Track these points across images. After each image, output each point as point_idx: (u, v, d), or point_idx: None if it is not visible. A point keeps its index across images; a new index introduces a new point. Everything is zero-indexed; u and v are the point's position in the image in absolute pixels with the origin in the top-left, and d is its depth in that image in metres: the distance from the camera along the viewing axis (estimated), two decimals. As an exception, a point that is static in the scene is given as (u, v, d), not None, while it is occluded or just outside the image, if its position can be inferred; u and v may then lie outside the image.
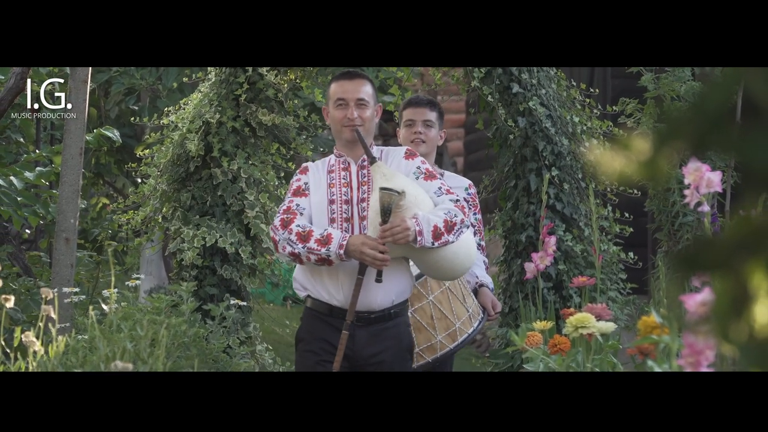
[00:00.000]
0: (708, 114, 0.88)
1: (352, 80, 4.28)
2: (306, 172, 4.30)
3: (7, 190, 8.30)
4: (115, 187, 11.45)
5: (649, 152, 0.90)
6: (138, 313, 4.85)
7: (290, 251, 4.03)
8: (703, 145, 0.90)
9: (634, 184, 6.23)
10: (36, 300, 6.82)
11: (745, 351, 0.91)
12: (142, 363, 4.61)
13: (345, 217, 4.16)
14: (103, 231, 9.59)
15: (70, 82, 6.98)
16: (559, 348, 3.77)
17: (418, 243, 3.96)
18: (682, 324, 2.30)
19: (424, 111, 5.00)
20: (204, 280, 6.16)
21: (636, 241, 7.25)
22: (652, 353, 2.94)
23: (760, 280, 0.90)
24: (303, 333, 4.29)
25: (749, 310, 0.90)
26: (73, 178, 6.94)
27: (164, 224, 6.48)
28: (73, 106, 6.95)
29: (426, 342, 4.54)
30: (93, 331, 4.85)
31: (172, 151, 6.43)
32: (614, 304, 5.87)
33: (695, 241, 0.91)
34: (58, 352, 4.87)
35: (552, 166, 6.16)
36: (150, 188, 6.59)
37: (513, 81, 6.17)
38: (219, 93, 6.34)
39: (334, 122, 4.26)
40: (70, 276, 6.80)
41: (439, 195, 4.12)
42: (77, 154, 6.96)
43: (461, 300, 4.65)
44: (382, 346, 4.18)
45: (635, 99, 7.14)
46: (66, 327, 5.74)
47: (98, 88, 11.02)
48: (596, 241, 4.77)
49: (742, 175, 1.07)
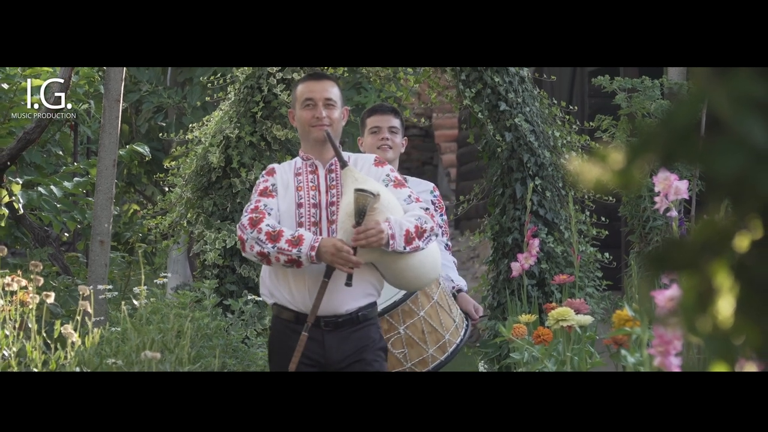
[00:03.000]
0: (675, 129, 0.88)
1: (319, 81, 3.87)
2: (273, 174, 3.83)
3: (48, 197, 8.31)
4: (145, 195, 11.46)
5: (623, 163, 0.90)
6: (165, 308, 4.85)
7: (258, 251, 3.56)
8: (671, 156, 0.90)
9: (609, 192, 6.23)
10: (74, 296, 6.81)
11: (709, 342, 0.91)
12: (169, 352, 4.60)
13: (313, 221, 3.71)
14: (134, 234, 9.60)
15: (104, 101, 6.98)
16: (542, 338, 3.77)
17: (390, 246, 3.53)
18: (653, 317, 2.30)
19: (389, 118, 4.60)
20: (224, 278, 6.16)
21: (611, 242, 7.25)
22: (625, 343, 2.94)
23: (722, 278, 0.89)
24: (272, 343, 3.84)
25: (713, 305, 0.90)
26: (107, 187, 6.94)
27: (189, 228, 6.48)
28: (107, 123, 6.96)
29: (418, 356, 4.14)
30: (125, 323, 4.85)
31: (196, 162, 6.45)
32: (591, 300, 5.86)
33: (664, 242, 0.91)
34: (93, 342, 4.87)
35: (535, 176, 6.17)
36: (176, 196, 6.60)
37: (500, 99, 6.18)
38: (238, 110, 6.35)
39: (302, 123, 3.83)
40: (104, 275, 6.80)
41: (408, 203, 3.71)
42: (111, 166, 6.96)
43: (448, 311, 4.26)
44: (353, 348, 3.70)
45: (610, 116, 7.15)
46: (101, 320, 5.73)
47: (130, 107, 11.03)
48: (575, 242, 4.77)
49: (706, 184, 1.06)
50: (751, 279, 0.89)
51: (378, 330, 3.80)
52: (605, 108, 8.10)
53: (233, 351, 5.05)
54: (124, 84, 7.40)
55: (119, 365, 4.46)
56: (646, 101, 6.98)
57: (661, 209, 3.14)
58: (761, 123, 0.84)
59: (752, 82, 0.85)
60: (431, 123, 12.70)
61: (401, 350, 4.11)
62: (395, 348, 4.10)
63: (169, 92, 10.86)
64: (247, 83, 6.37)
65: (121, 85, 6.99)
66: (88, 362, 4.67)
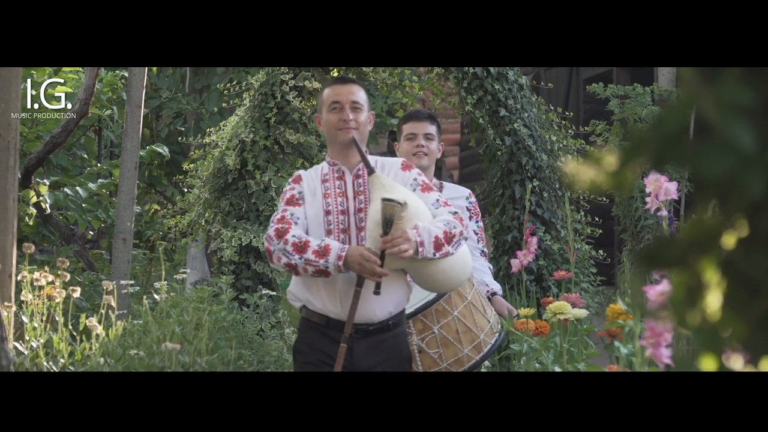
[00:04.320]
0: (666, 133, 0.88)
1: (345, 84, 3.62)
2: (299, 182, 3.57)
3: (74, 198, 8.33)
4: (165, 195, 11.47)
5: (616, 166, 0.90)
6: (184, 302, 4.85)
7: (286, 262, 3.33)
8: (662, 159, 0.90)
9: (602, 193, 6.23)
10: (98, 291, 6.83)
11: (698, 334, 0.91)
12: (188, 343, 4.61)
13: (342, 228, 3.47)
14: (155, 232, 9.61)
15: (126, 107, 7.00)
16: (540, 331, 3.77)
17: (419, 254, 3.28)
18: (644, 311, 2.30)
19: (425, 125, 4.38)
20: (240, 273, 6.16)
21: (605, 240, 7.25)
22: (618, 335, 2.94)
23: (710, 274, 0.90)
24: (300, 344, 3.56)
25: (701, 299, 0.90)
26: (130, 187, 6.95)
27: (207, 227, 6.49)
28: (129, 128, 6.97)
29: (453, 356, 3.87)
30: (146, 316, 4.85)
31: (213, 165, 6.46)
32: (586, 294, 5.86)
33: (655, 240, 0.91)
34: (117, 334, 4.88)
35: (533, 178, 6.17)
36: (194, 196, 6.61)
37: (500, 106, 6.18)
38: (253, 116, 6.36)
39: (329, 126, 3.56)
40: (127, 270, 6.82)
41: (436, 207, 3.45)
42: (133, 168, 6.97)
43: (482, 312, 4.00)
44: (381, 358, 3.47)
45: (604, 121, 7.15)
46: (123, 313, 5.74)
47: (150, 112, 11.05)
48: (571, 240, 4.76)
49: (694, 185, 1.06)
50: (737, 275, 0.89)
51: (405, 339, 3.60)
52: (599, 114, 8.10)
53: (248, 342, 5.06)
54: (145, 91, 7.42)
55: (141, 356, 4.46)
56: (638, 107, 6.99)
57: (652, 209, 3.14)
58: (747, 128, 0.84)
59: (738, 89, 0.85)
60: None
61: (436, 350, 3.87)
62: (430, 348, 3.87)
63: (187, 99, 10.87)
64: (261, 90, 6.38)
65: (143, 92, 7.00)
66: (112, 353, 4.68)
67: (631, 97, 7.06)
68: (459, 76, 6.26)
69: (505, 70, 6.25)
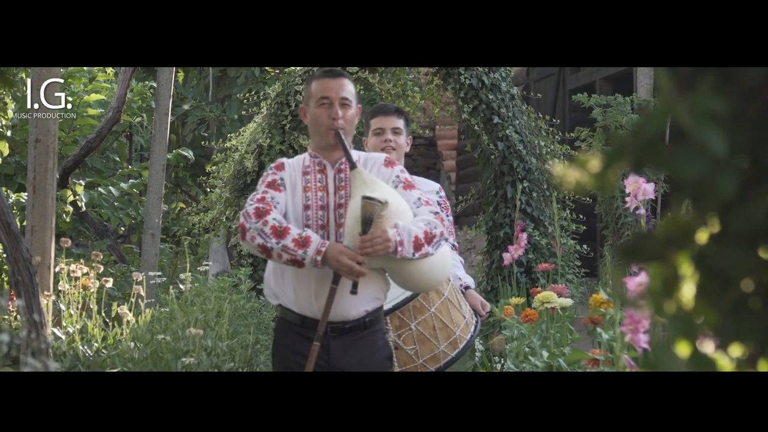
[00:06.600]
0: (644, 139, 0.88)
1: (335, 79, 3.20)
2: (282, 169, 3.17)
3: (107, 196, 8.34)
4: (190, 194, 11.48)
5: (599, 168, 0.90)
6: (207, 291, 4.86)
7: (261, 243, 2.91)
8: (641, 163, 0.89)
9: (586, 193, 6.23)
10: (129, 281, 6.84)
11: (673, 321, 0.91)
12: (210, 329, 4.61)
13: (320, 224, 3.07)
14: (180, 228, 9.62)
15: (155, 114, 7.01)
16: (529, 318, 3.77)
17: (398, 254, 2.91)
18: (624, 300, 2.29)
19: (392, 119, 3.90)
20: (258, 266, 6.16)
21: (588, 236, 7.25)
22: (600, 322, 2.93)
23: (685, 267, 0.89)
24: (276, 345, 3.20)
25: (677, 290, 0.90)
26: (158, 187, 6.96)
27: (227, 223, 6.50)
28: (157, 133, 6.97)
29: (429, 353, 3.58)
30: (172, 305, 4.86)
31: (234, 167, 6.46)
32: (571, 285, 5.86)
33: (634, 236, 0.91)
34: (145, 321, 4.89)
35: (524, 179, 6.17)
36: (216, 196, 6.61)
37: (494, 114, 6.19)
38: (269, 122, 6.36)
39: (316, 121, 3.15)
40: (155, 263, 6.82)
41: (418, 206, 3.07)
42: (161, 170, 6.98)
43: (458, 307, 3.70)
44: (359, 356, 3.08)
45: (588, 128, 7.14)
46: (152, 302, 5.75)
47: (177, 119, 11.06)
48: (558, 236, 4.76)
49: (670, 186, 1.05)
50: (709, 268, 0.89)
51: (383, 336, 3.20)
52: (583, 121, 8.09)
53: (265, 328, 5.06)
54: (172, 100, 7.42)
55: (167, 340, 4.46)
56: (619, 115, 6.98)
57: (631, 208, 3.13)
58: (719, 134, 0.84)
59: (711, 98, 0.85)
60: (434, 133, 12.69)
61: (413, 347, 3.58)
62: (407, 345, 3.57)
63: (210, 107, 10.88)
64: (277, 99, 6.38)
65: (170, 101, 7.01)
66: (141, 338, 4.68)
67: (612, 106, 7.05)
68: (456, 87, 6.26)
69: (498, 82, 6.25)
